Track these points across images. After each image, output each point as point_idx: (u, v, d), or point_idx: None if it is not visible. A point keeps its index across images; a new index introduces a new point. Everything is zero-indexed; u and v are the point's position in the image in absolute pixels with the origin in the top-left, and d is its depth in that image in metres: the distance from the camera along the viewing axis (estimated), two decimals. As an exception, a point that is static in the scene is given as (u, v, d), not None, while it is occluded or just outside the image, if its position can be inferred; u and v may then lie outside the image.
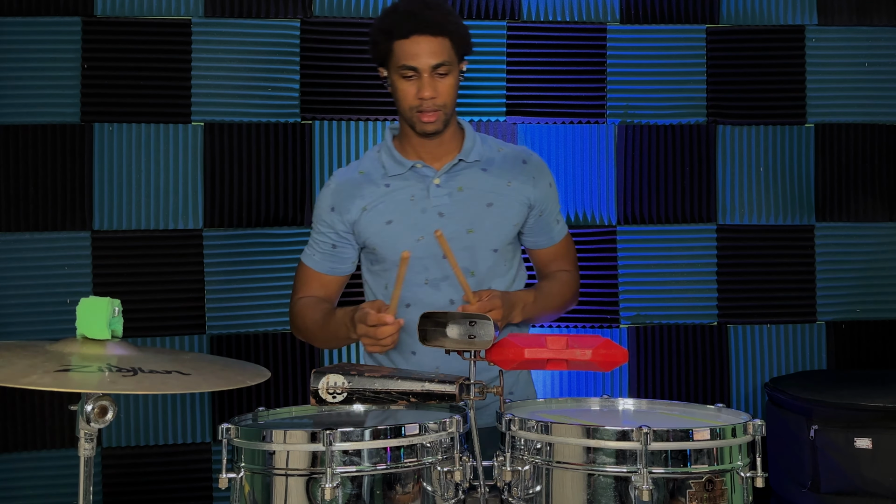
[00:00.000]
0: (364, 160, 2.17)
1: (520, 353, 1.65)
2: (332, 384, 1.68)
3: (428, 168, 2.08)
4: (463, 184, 2.08)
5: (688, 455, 1.50)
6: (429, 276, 2.05)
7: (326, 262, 2.13)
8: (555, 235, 2.21)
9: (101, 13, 2.88)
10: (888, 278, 3.17)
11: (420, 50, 1.95)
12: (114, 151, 2.89)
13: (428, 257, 2.03)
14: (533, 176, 2.13)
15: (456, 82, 2.02)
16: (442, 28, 1.97)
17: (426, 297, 2.05)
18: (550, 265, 2.23)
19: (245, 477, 1.56)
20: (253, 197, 2.95)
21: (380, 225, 2.06)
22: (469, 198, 2.07)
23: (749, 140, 3.13)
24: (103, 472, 2.85)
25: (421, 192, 2.07)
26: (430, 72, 1.97)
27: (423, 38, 1.95)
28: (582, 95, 3.08)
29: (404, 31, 1.96)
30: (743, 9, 3.12)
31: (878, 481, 2.47)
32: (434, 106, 1.99)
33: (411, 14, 1.97)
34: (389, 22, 2.00)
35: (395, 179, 2.08)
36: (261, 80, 2.95)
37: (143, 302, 2.86)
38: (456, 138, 2.11)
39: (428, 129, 2.01)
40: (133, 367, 1.42)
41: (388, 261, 2.06)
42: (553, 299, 2.15)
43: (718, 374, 3.10)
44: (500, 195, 2.08)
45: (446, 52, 1.98)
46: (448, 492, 1.57)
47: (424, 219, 2.04)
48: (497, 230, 2.08)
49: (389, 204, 2.06)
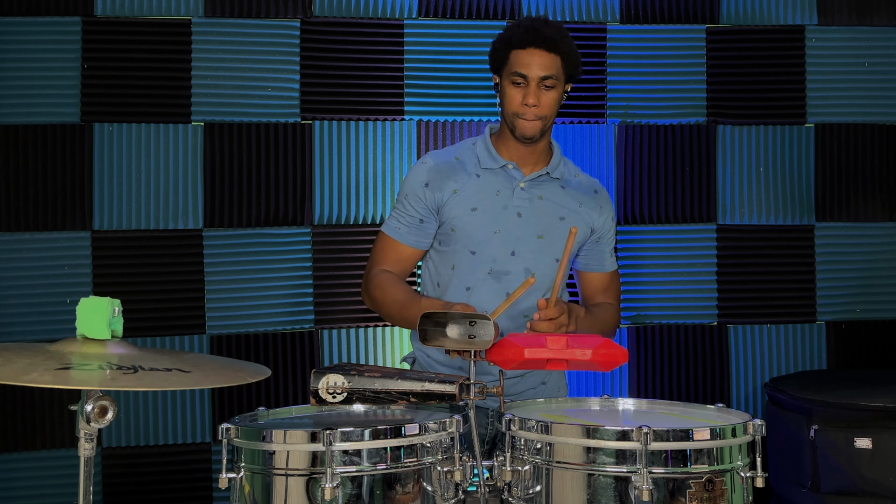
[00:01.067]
0: (459, 148, 2.29)
1: (520, 353, 1.65)
2: (332, 384, 1.68)
3: (517, 171, 2.22)
4: (543, 194, 2.23)
5: (688, 455, 1.50)
6: (494, 268, 2.17)
7: (412, 235, 2.22)
8: (606, 265, 2.34)
9: (101, 13, 2.88)
10: (888, 278, 3.17)
11: (533, 61, 2.12)
12: (114, 151, 2.89)
13: (498, 250, 2.17)
14: (600, 205, 2.30)
15: (559, 98, 2.18)
16: (556, 46, 2.13)
17: (486, 286, 2.17)
18: (597, 296, 2.35)
19: (245, 477, 1.56)
20: (253, 197, 2.95)
21: (465, 209, 2.18)
22: (546, 207, 2.22)
23: (749, 140, 3.13)
24: (103, 472, 2.85)
25: (506, 190, 2.20)
26: (538, 82, 2.12)
27: (538, 51, 2.12)
28: (582, 95, 3.08)
29: (523, 42, 2.13)
30: (743, 9, 3.12)
31: (878, 481, 2.47)
32: (535, 115, 2.14)
33: (532, 29, 2.14)
34: (511, 33, 2.17)
35: (487, 172, 2.22)
36: (261, 80, 2.95)
37: (143, 302, 2.86)
38: (546, 152, 2.26)
39: (527, 133, 2.15)
40: (133, 365, 1.42)
41: (461, 243, 2.18)
42: (598, 323, 2.23)
43: (718, 374, 3.10)
44: (571, 212, 2.24)
45: (556, 68, 2.13)
46: (448, 492, 1.58)
47: (504, 214, 2.18)
48: (563, 242, 2.17)
49: (477, 192, 2.19)
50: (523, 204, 2.20)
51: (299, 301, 2.95)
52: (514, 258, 2.17)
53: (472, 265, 2.17)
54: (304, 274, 2.95)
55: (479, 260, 2.17)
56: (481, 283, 2.17)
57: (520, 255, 2.17)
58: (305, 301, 2.94)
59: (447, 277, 2.21)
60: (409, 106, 3.01)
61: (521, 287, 1.84)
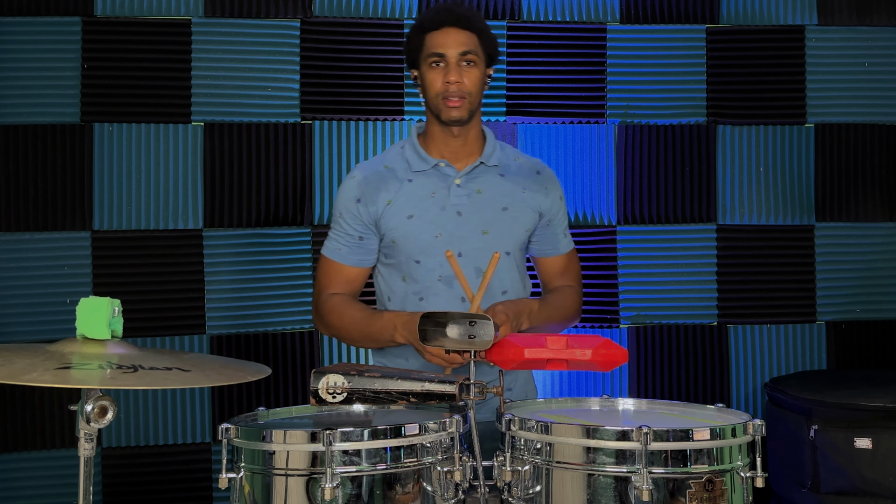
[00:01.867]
0: (388, 155, 2.22)
1: (520, 353, 1.65)
2: (332, 384, 1.68)
3: (450, 168, 2.14)
4: (482, 186, 2.15)
5: (688, 455, 1.50)
6: (442, 274, 2.09)
7: (354, 255, 2.15)
8: (561, 247, 2.27)
9: (101, 13, 2.88)
10: (888, 278, 3.17)
11: (448, 39, 2.07)
12: (114, 151, 2.89)
13: (443, 255, 2.06)
14: (545, 186, 2.21)
15: (482, 77, 2.11)
16: (470, 23, 2.10)
17: (439, 292, 2.10)
18: (555, 279, 2.29)
19: (245, 477, 1.56)
20: (253, 197, 2.95)
21: (401, 219, 2.10)
22: (486, 200, 2.14)
23: (749, 140, 3.13)
24: (103, 472, 2.85)
25: (442, 191, 2.13)
26: (457, 60, 2.07)
27: (453, 29, 2.08)
28: (582, 95, 3.08)
29: (436, 23, 2.09)
30: (743, 9, 3.12)
31: (878, 481, 2.47)
32: (460, 92, 2.06)
33: (443, 9, 2.12)
34: (422, 18, 2.14)
35: (418, 176, 2.14)
36: (261, 80, 2.95)
37: (143, 302, 2.86)
38: (478, 142, 2.18)
39: (453, 115, 2.07)
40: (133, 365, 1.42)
41: (404, 254, 2.11)
42: (557, 311, 2.18)
43: (718, 374, 3.10)
44: (514, 200, 2.16)
45: (473, 44, 2.09)
46: (448, 492, 1.58)
47: (443, 216, 2.11)
48: (510, 234, 2.14)
49: (411, 199, 2.12)
50: (461, 201, 2.11)
51: (299, 301, 2.95)
52: (462, 259, 2.06)
53: (419, 274, 2.10)
54: (304, 274, 2.95)
55: (426, 268, 2.09)
56: (433, 291, 2.09)
57: (467, 256, 2.08)
58: (305, 301, 2.94)
59: (399, 290, 2.13)
60: (409, 106, 3.01)
61: (491, 265, 1.86)
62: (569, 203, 3.06)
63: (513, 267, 2.15)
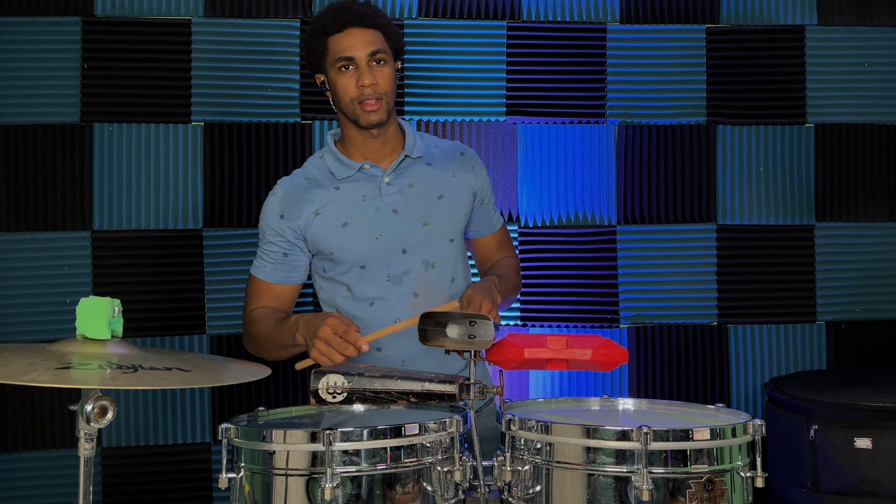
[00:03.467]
0: (307, 167, 2.16)
1: (520, 353, 1.65)
2: (332, 384, 1.68)
3: (376, 168, 2.10)
4: (412, 179, 2.12)
5: (688, 455, 1.50)
6: (390, 273, 2.08)
7: (278, 272, 2.10)
8: (495, 223, 2.29)
9: (101, 13, 2.88)
10: (888, 278, 3.17)
11: (355, 41, 2.00)
12: (114, 151, 2.89)
13: (388, 255, 2.07)
14: (472, 166, 2.20)
15: (394, 74, 2.06)
16: (373, 20, 2.03)
17: (389, 293, 2.08)
18: (495, 254, 2.30)
19: (245, 477, 1.56)
20: (253, 197, 2.95)
21: (335, 228, 2.06)
22: (420, 192, 2.11)
23: (749, 140, 3.13)
24: (103, 472, 2.85)
25: (373, 192, 2.09)
26: (367, 60, 2.01)
27: (357, 29, 2.01)
28: (582, 95, 3.08)
29: (338, 24, 2.01)
30: (743, 9, 3.12)
31: (878, 481, 2.47)
32: (375, 93, 2.01)
33: (343, 9, 2.03)
34: (321, 21, 2.05)
35: (345, 182, 2.10)
36: (261, 80, 2.95)
37: (143, 302, 2.86)
38: (398, 136, 2.15)
39: (372, 118, 2.02)
40: (133, 365, 1.43)
41: (345, 263, 2.07)
42: (508, 282, 2.20)
43: (718, 374, 3.10)
44: (448, 186, 2.14)
45: (380, 42, 2.03)
46: (448, 492, 1.58)
47: (379, 217, 2.07)
48: (451, 220, 2.14)
49: (342, 206, 2.07)
50: (395, 199, 2.08)
51: (299, 301, 2.94)
52: (408, 255, 2.06)
53: (367, 279, 2.06)
54: (304, 274, 2.95)
55: (372, 271, 2.06)
56: (383, 292, 2.07)
57: (412, 250, 2.07)
58: (305, 301, 2.93)
59: (343, 301, 2.09)
60: (409, 106, 3.01)
61: (397, 327, 1.91)
62: (569, 203, 3.06)
63: (458, 252, 2.16)
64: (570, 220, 3.05)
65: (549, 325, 3.04)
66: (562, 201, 3.06)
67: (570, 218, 3.05)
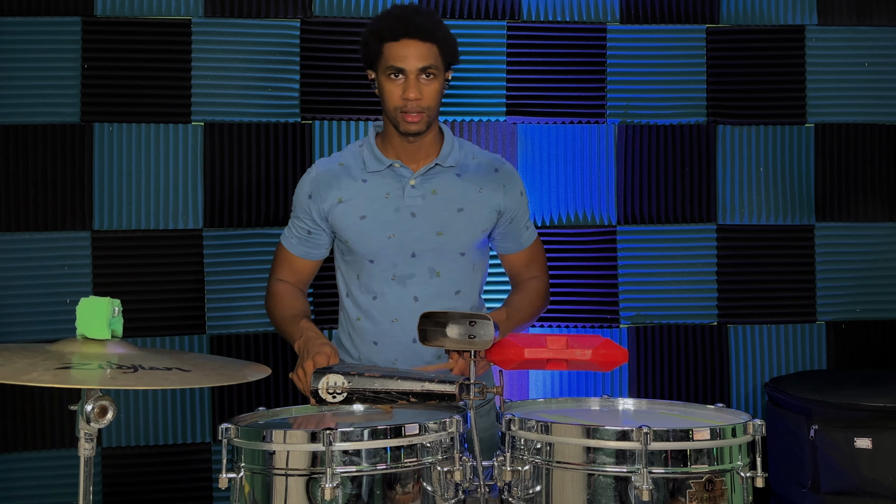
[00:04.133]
0: (346, 152, 2.21)
1: (520, 353, 1.65)
2: (332, 384, 1.68)
3: (405, 168, 2.13)
4: (437, 187, 2.13)
5: (688, 455, 1.50)
6: (396, 273, 2.11)
7: (302, 247, 2.18)
8: (524, 241, 2.26)
9: (101, 13, 2.88)
10: (888, 278, 3.17)
11: (408, 53, 2.02)
12: (114, 151, 2.89)
13: (397, 254, 2.10)
14: (503, 184, 2.19)
15: (441, 88, 2.08)
16: (431, 34, 2.04)
17: (391, 291, 2.12)
18: (522, 272, 2.29)
19: (245, 477, 1.56)
20: (253, 197, 2.95)
21: (353, 219, 2.11)
22: (441, 201, 2.13)
23: (749, 140, 3.13)
24: (103, 472, 2.85)
25: (396, 191, 2.12)
26: (417, 74, 2.02)
27: (413, 41, 2.02)
28: (582, 95, 3.08)
29: (395, 33, 2.02)
30: (743, 9, 3.12)
31: (878, 481, 2.47)
32: (418, 108, 2.04)
33: (403, 18, 2.04)
34: (381, 25, 2.06)
35: (373, 176, 2.13)
36: (261, 80, 2.95)
37: (143, 302, 2.86)
38: (435, 142, 2.17)
39: (411, 129, 2.06)
40: (133, 365, 1.42)
41: (357, 253, 2.12)
42: (524, 312, 2.19)
43: (718, 374, 3.10)
44: (470, 201, 2.14)
45: (433, 57, 2.04)
46: (448, 492, 1.58)
47: (397, 217, 2.10)
48: (465, 234, 2.14)
49: (365, 199, 2.11)
50: (416, 202, 2.11)
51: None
52: (416, 260, 2.10)
53: (373, 273, 2.12)
54: (304, 274, 2.95)
55: (380, 267, 2.11)
56: (386, 290, 2.11)
57: (421, 256, 2.10)
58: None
59: (354, 287, 2.16)
60: (409, 106, 3.01)
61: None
62: (569, 203, 3.06)
63: (467, 267, 2.16)
64: (570, 220, 3.05)
65: (549, 325, 3.04)
66: (562, 201, 3.06)
67: (570, 218, 3.05)
